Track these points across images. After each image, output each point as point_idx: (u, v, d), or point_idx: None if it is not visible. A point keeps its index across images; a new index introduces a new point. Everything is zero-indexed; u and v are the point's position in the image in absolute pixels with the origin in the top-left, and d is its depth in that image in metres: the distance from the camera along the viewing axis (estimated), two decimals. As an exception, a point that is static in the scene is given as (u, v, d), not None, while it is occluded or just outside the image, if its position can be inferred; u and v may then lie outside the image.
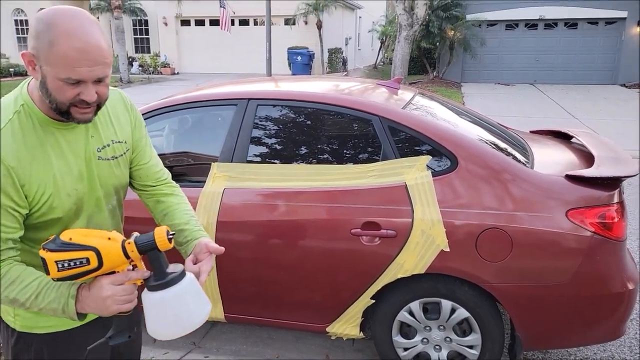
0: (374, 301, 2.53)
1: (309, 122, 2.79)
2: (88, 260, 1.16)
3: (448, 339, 2.55)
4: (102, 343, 1.29)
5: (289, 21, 20.08)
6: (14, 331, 1.39)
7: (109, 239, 1.19)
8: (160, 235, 1.18)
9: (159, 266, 1.21)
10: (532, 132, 3.76)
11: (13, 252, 1.25)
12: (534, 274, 2.32)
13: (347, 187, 2.51)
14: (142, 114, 2.86)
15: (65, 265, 1.15)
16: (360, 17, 26.63)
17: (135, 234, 1.22)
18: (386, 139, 2.55)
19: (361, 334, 2.64)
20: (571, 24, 17.11)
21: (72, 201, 1.32)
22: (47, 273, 1.16)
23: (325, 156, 2.69)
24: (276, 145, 2.77)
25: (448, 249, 2.34)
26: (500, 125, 3.42)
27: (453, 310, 2.48)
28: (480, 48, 17.12)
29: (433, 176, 2.42)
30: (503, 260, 2.31)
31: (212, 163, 2.70)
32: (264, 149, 2.74)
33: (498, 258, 2.32)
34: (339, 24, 22.50)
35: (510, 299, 2.36)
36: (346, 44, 23.69)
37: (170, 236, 1.19)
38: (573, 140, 3.33)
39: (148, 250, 1.19)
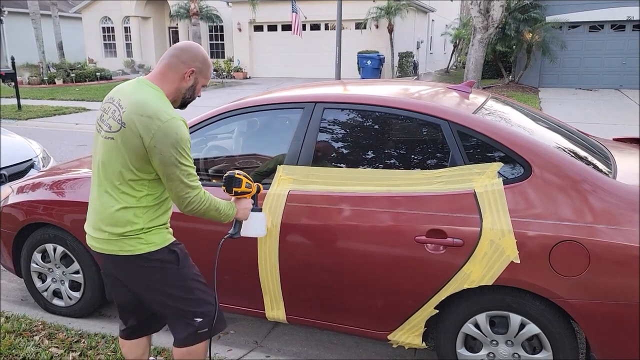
0: (437, 311, 2.46)
1: (375, 126, 2.76)
2: (251, 187, 2.30)
3: (516, 355, 2.42)
4: (230, 235, 2.33)
5: (360, 25, 20.09)
6: (154, 252, 2.02)
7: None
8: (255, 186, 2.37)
9: (255, 202, 2.40)
10: (615, 139, 3.53)
11: None
12: (614, 292, 2.15)
13: (413, 193, 2.46)
14: (214, 116, 2.97)
15: (246, 185, 2.27)
16: (433, 20, 26.17)
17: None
18: (455, 144, 2.48)
19: (424, 344, 2.57)
20: (663, 25, 15.92)
21: None
22: (238, 186, 2.24)
23: (391, 161, 2.65)
24: (342, 149, 2.76)
25: (518, 261, 2.23)
26: (580, 132, 3.23)
27: (522, 326, 2.36)
28: (560, 51, 16.25)
29: (504, 184, 2.32)
30: (579, 275, 2.17)
31: (278, 165, 2.73)
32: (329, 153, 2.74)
33: (574, 272, 2.18)
34: (411, 27, 22.22)
35: (586, 317, 2.21)
36: (417, 48, 23.33)
37: (247, 184, 2.29)
38: (663, 149, 3.09)
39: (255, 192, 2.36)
